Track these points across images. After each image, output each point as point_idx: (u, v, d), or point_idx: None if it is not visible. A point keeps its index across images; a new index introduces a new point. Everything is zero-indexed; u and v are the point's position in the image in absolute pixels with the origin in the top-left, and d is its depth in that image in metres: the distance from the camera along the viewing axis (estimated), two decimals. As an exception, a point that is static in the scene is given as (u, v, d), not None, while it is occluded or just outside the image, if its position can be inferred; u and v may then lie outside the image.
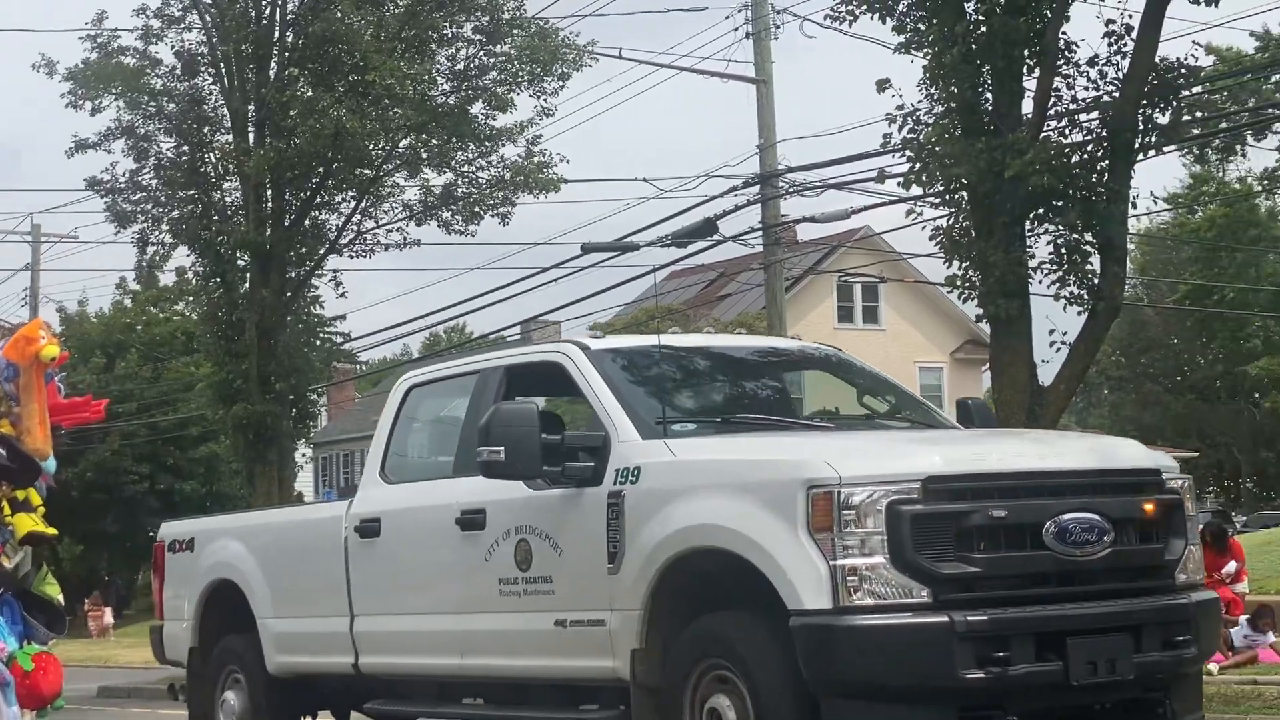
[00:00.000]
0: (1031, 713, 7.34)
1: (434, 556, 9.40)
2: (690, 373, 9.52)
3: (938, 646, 7.01)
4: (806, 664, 7.15)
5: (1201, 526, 11.87)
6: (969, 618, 7.04)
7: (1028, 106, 15.16)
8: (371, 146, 26.05)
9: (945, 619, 7.03)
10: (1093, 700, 7.59)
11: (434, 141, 26.67)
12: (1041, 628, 7.19)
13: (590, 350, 9.03)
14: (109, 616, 48.19)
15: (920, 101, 15.51)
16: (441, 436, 10.34)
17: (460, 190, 27.44)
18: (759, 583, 7.34)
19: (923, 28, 15.43)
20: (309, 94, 25.86)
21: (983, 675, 7.02)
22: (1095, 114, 15.27)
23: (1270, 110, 31.33)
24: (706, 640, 7.71)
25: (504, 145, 27.04)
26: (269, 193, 26.89)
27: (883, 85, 15.52)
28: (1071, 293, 15.22)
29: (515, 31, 26.16)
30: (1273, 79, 33.95)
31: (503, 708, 9.33)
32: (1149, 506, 7.66)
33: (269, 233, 26.70)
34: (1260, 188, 45.54)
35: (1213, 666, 13.25)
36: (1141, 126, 15.00)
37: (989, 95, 15.21)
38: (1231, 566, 16.30)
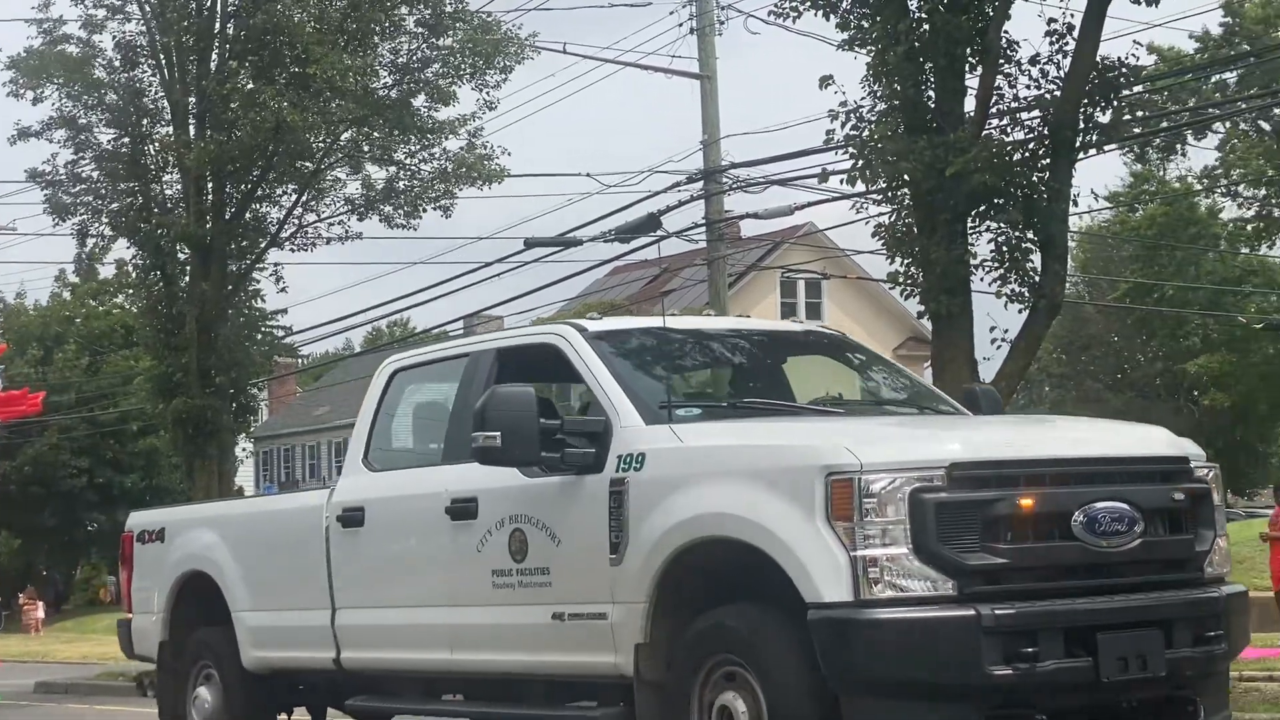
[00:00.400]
0: (1058, 712, 7.01)
1: (422, 547, 9.04)
2: (693, 356, 9.18)
3: (964, 641, 6.68)
4: (825, 660, 6.80)
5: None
6: (996, 611, 6.70)
7: (970, 105, 15.20)
8: (313, 139, 25.90)
9: (972, 612, 6.70)
10: (1121, 698, 7.26)
11: (375, 135, 26.55)
12: (1071, 622, 6.87)
13: (588, 332, 8.65)
14: (40, 611, 47.84)
15: (863, 98, 15.52)
16: (428, 422, 9.96)
17: (402, 183, 27.33)
18: (773, 574, 7.01)
19: (866, 25, 15.44)
20: (249, 86, 25.69)
21: (1010, 672, 6.69)
22: (1037, 112, 15.33)
23: (1210, 110, 31.59)
24: (717, 634, 7.35)
25: (446, 138, 26.97)
26: (209, 185, 26.72)
27: (826, 82, 15.52)
28: (1013, 290, 15.28)
29: (458, 25, 26.07)
30: (1212, 79, 34.22)
31: (494, 704, 8.91)
32: (1178, 496, 7.36)
33: (209, 225, 26.52)
34: (1200, 187, 45.90)
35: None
36: (1082, 125, 15.06)
37: (931, 93, 15.23)
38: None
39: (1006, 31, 15.18)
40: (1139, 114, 18.41)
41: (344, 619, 9.60)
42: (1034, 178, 14.99)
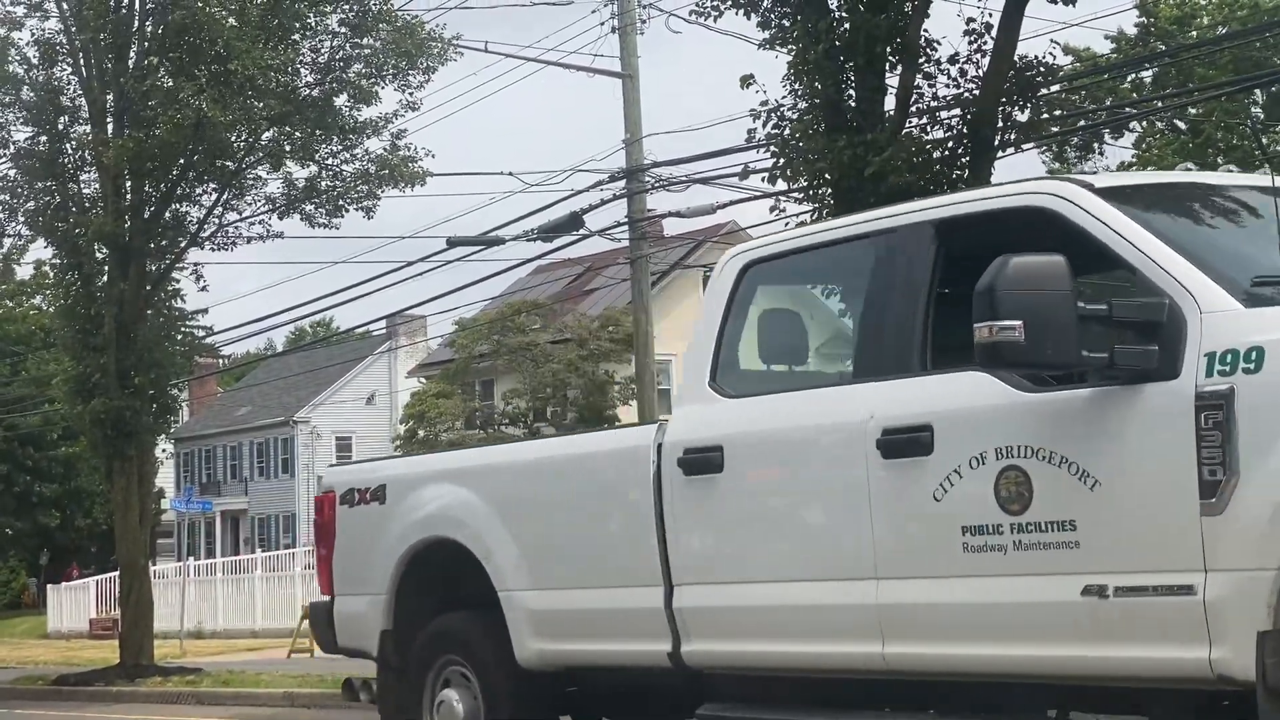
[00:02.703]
0: None
1: (831, 497, 6.76)
2: (1240, 221, 6.62)
3: None
4: None
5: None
6: None
7: (890, 104, 15.31)
8: (233, 138, 25.74)
9: None
10: None
11: (297, 134, 26.41)
12: None
13: (1099, 188, 6.25)
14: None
15: (784, 97, 15.63)
16: (813, 329, 7.80)
17: (324, 183, 27.20)
18: None
19: (786, 24, 15.53)
20: (169, 84, 25.51)
21: None
22: (956, 111, 15.46)
23: (1126, 109, 31.97)
24: None
25: (368, 138, 26.87)
26: (128, 184, 26.48)
27: (747, 81, 15.61)
28: (933, 288, 15.38)
29: (381, 25, 25.96)
30: (1128, 78, 34.62)
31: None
32: None
33: (128, 225, 26.28)
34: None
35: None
36: (1001, 124, 15.21)
37: (852, 92, 15.34)
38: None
39: (926, 30, 15.31)
40: (1057, 113, 18.58)
41: (686, 599, 7.34)
42: (953, 176, 15.11)
